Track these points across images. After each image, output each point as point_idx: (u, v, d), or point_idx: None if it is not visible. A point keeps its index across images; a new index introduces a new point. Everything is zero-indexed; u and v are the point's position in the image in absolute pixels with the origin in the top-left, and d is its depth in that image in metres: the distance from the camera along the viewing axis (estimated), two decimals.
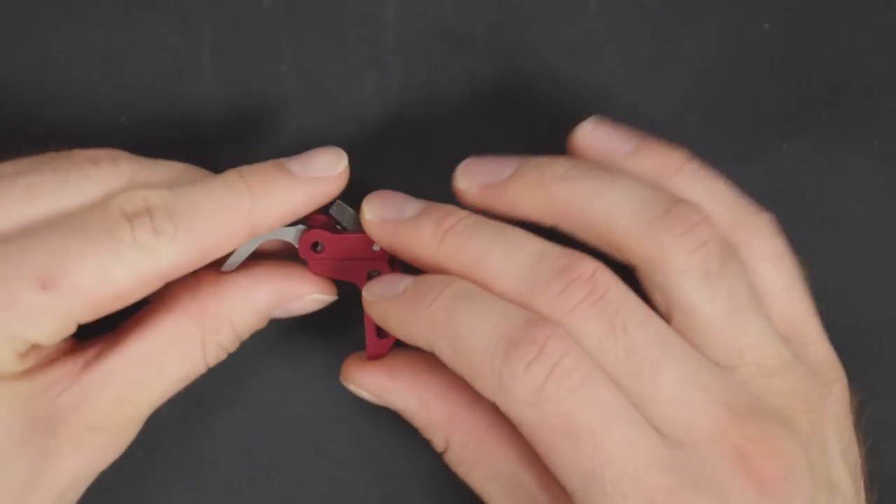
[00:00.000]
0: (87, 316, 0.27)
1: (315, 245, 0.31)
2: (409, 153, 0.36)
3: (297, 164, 0.30)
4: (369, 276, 0.32)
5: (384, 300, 0.30)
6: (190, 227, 0.28)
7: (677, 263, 0.28)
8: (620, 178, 0.29)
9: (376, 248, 0.31)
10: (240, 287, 0.31)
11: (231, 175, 0.29)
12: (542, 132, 0.36)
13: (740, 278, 0.29)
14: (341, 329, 0.36)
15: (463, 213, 0.30)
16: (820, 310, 0.32)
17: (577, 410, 0.26)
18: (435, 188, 0.35)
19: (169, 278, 0.28)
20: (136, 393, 0.29)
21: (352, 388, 0.32)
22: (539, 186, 0.29)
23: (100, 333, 0.30)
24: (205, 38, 0.35)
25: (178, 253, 0.28)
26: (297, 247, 0.31)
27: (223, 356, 0.31)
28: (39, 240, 0.27)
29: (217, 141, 0.35)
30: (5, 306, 0.26)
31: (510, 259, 0.28)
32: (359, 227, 0.31)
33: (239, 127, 0.35)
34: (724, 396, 0.27)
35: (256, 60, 0.35)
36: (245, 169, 0.30)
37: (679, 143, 0.35)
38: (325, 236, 0.31)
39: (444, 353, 0.28)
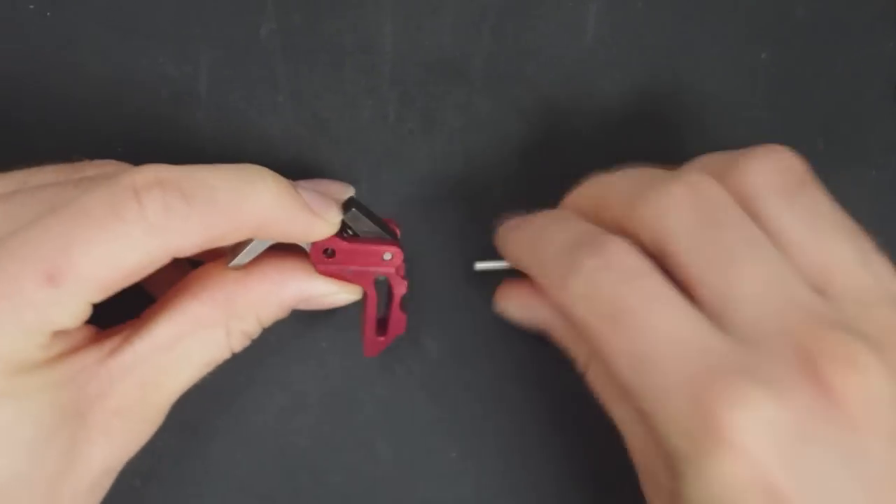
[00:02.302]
0: (99, 297, 0.27)
1: (326, 251, 0.31)
2: (406, 182, 0.36)
3: (306, 193, 0.30)
4: (376, 282, 0.32)
5: (507, 230, 0.33)
6: (203, 209, 0.27)
7: (759, 178, 0.28)
8: None
9: (387, 257, 0.31)
10: (268, 281, 0.31)
11: (250, 169, 0.29)
12: (539, 161, 0.36)
13: (822, 200, 0.29)
14: (337, 358, 0.36)
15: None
16: None
17: (622, 297, 0.27)
18: (431, 218, 0.36)
19: (179, 255, 0.28)
20: (162, 378, 0.29)
21: (502, 305, 0.33)
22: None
23: (122, 315, 0.30)
24: (202, 68, 0.36)
25: (189, 232, 0.27)
26: (308, 251, 0.31)
27: (247, 343, 0.31)
28: (43, 230, 0.26)
29: None
30: (16, 304, 0.26)
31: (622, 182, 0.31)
32: (370, 235, 0.31)
33: (236, 157, 0.35)
34: (811, 305, 0.26)
35: (253, 90, 0.35)
36: (263, 168, 0.29)
37: None
38: (338, 244, 0.31)
39: (528, 262, 0.30)
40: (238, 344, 0.31)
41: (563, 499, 0.36)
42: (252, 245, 0.30)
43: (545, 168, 0.36)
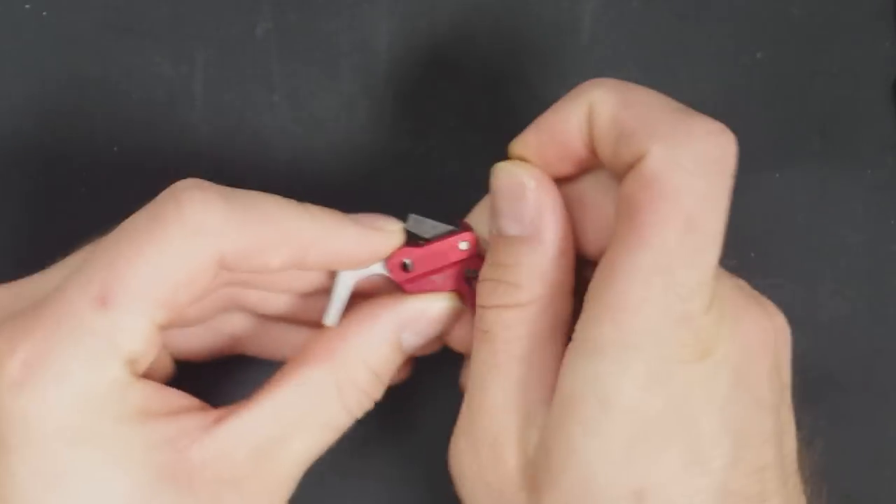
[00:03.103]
0: (162, 316, 0.26)
1: (404, 266, 0.30)
2: (402, 183, 0.36)
3: (356, 216, 0.30)
4: (467, 278, 0.31)
5: None
6: (244, 210, 0.27)
7: None
8: None
9: (463, 246, 0.30)
10: (362, 320, 0.30)
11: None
12: None
13: None
14: None
15: None
16: (812, 339, 0.32)
17: None
18: (429, 217, 0.35)
19: (228, 263, 0.27)
20: (276, 446, 0.28)
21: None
22: None
23: None
24: (198, 68, 0.36)
25: (233, 232, 0.26)
26: (387, 273, 0.30)
27: (368, 404, 0.30)
28: (91, 259, 0.26)
29: (210, 170, 0.35)
30: (75, 332, 0.25)
31: None
32: (440, 236, 0.30)
33: (231, 156, 0.35)
34: None
35: (249, 90, 0.35)
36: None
37: None
38: (412, 252, 0.30)
39: None
40: (356, 405, 0.29)
41: None
42: (335, 293, 0.30)
43: None
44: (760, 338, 0.27)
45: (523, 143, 0.29)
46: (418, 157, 0.36)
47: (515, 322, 0.27)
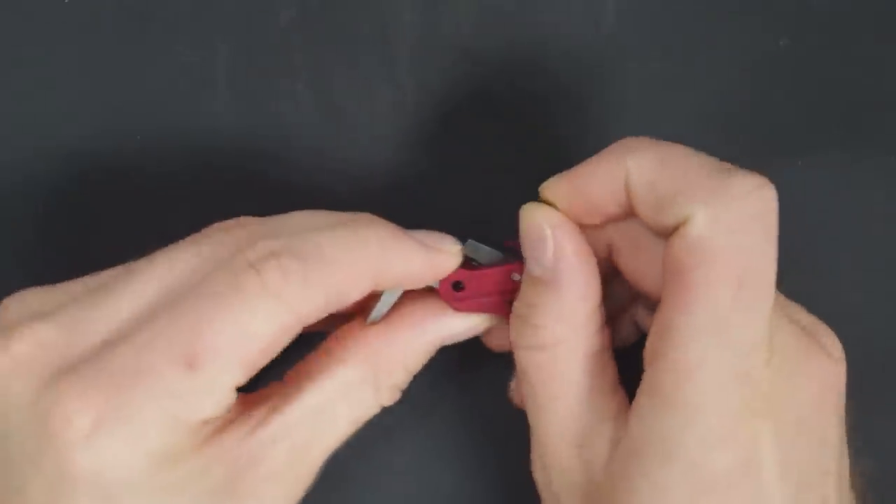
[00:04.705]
0: (242, 378, 0.27)
1: (456, 285, 0.31)
2: (424, 170, 0.36)
3: (418, 234, 0.30)
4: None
5: None
6: (319, 267, 0.27)
7: None
8: None
9: (516, 278, 0.30)
10: (408, 329, 0.31)
11: (359, 220, 0.29)
12: (555, 151, 0.36)
13: None
14: None
15: None
16: (835, 329, 0.32)
17: None
18: (449, 207, 0.36)
19: (308, 322, 0.28)
20: (312, 441, 0.29)
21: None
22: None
23: None
24: (220, 56, 0.36)
25: (312, 294, 0.27)
26: (437, 289, 0.31)
27: (398, 396, 0.31)
28: (176, 318, 0.26)
29: (232, 158, 0.35)
30: (159, 396, 0.26)
31: None
32: (495, 263, 0.31)
33: (254, 144, 0.35)
34: None
35: (272, 78, 0.35)
36: (370, 216, 0.30)
37: None
38: (466, 274, 0.30)
39: None
40: (388, 398, 0.30)
41: None
42: (385, 297, 0.30)
43: (561, 157, 0.36)
44: (826, 384, 0.27)
45: (553, 191, 0.29)
46: (440, 145, 0.36)
47: (545, 363, 0.29)
